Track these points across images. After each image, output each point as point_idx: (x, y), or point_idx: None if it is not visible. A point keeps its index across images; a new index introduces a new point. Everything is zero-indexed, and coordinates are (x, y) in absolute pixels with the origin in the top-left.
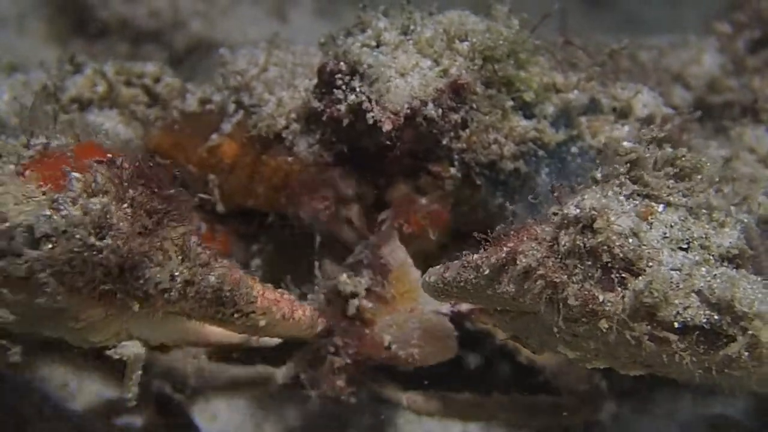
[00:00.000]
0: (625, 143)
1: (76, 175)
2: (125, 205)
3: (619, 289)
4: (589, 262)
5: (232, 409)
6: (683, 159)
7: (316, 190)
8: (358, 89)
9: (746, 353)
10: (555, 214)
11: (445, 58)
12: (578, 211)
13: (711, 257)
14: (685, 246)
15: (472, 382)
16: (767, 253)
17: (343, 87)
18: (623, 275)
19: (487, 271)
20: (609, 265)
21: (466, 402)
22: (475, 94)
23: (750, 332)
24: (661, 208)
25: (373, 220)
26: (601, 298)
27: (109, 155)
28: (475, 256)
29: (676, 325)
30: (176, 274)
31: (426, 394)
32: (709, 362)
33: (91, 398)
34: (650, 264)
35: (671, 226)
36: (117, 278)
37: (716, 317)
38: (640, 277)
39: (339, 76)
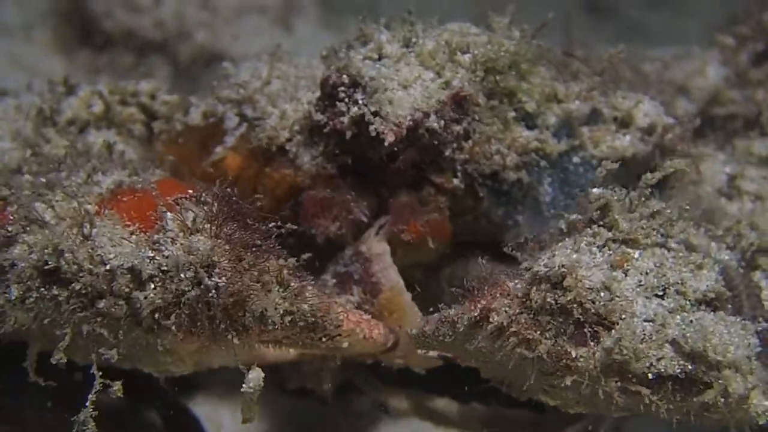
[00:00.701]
0: (594, 189)
1: (171, 214)
2: (222, 242)
3: (592, 343)
4: (561, 319)
5: (237, 419)
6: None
7: (329, 209)
8: (360, 102)
9: (722, 399)
10: (527, 269)
11: (447, 70)
12: (547, 269)
13: (687, 302)
14: (661, 293)
15: (456, 389)
16: (747, 292)
17: (346, 99)
18: (596, 329)
19: (462, 328)
20: (581, 320)
21: (442, 408)
22: (477, 105)
23: (720, 381)
24: (637, 254)
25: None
26: (573, 354)
27: (190, 191)
28: (452, 311)
29: (650, 376)
30: (277, 306)
31: (405, 393)
32: (687, 408)
33: (96, 407)
34: (623, 316)
35: (647, 273)
36: (222, 313)
37: (690, 367)
38: (612, 332)
39: (342, 88)
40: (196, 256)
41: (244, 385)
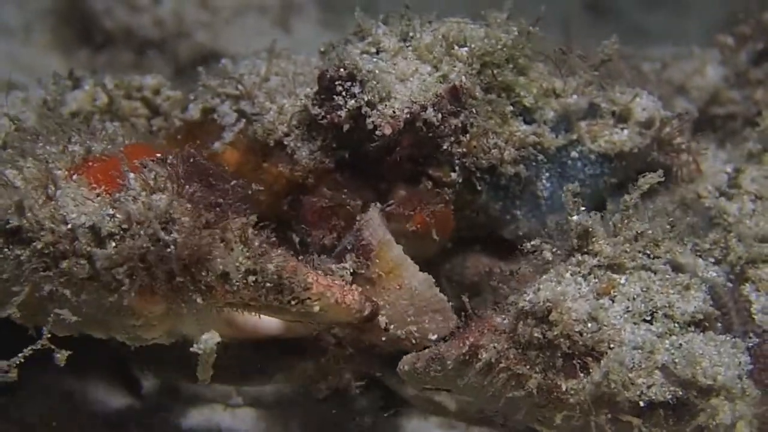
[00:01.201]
0: (574, 217)
1: (134, 174)
2: (185, 201)
3: (582, 375)
4: (549, 352)
5: (237, 420)
6: (640, 224)
7: (328, 219)
8: (357, 95)
9: (713, 422)
10: (513, 304)
11: (445, 63)
12: (532, 304)
13: (676, 325)
14: (649, 317)
15: None
16: (736, 308)
17: (343, 93)
18: (585, 360)
19: (452, 365)
20: (569, 352)
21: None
22: (474, 98)
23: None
24: (623, 279)
25: None
26: (564, 387)
27: (159, 154)
28: (442, 347)
29: (641, 404)
30: (239, 264)
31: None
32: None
33: (97, 407)
34: (611, 345)
35: (634, 299)
36: (182, 272)
37: (681, 392)
38: (601, 363)
39: (339, 82)
40: (155, 212)
41: (195, 345)
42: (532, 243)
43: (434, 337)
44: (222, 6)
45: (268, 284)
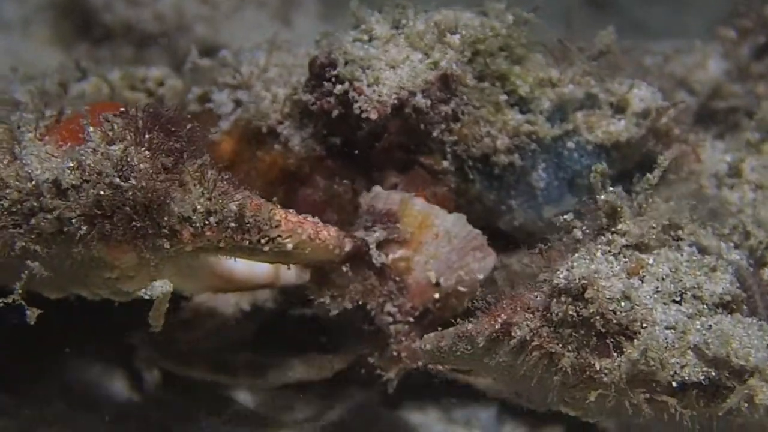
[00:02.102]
0: (602, 196)
1: (93, 127)
2: (143, 149)
3: (615, 354)
4: (583, 331)
5: (239, 418)
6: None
7: (322, 212)
8: (345, 80)
9: (746, 404)
10: (545, 281)
11: (436, 50)
12: (567, 281)
13: (705, 307)
14: (678, 298)
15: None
16: (760, 293)
17: (333, 79)
18: (618, 339)
19: (482, 343)
20: (603, 331)
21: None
22: (465, 86)
23: (746, 390)
24: (651, 260)
25: None
26: (597, 366)
27: (122, 109)
28: (470, 326)
29: (674, 384)
30: (197, 205)
31: None
32: (711, 414)
33: (96, 401)
34: (644, 325)
35: (663, 279)
36: (144, 217)
37: (714, 373)
38: (636, 342)
39: (329, 68)
40: (111, 160)
41: (143, 290)
42: (565, 218)
43: (482, 276)
44: (221, 0)
45: (231, 224)
